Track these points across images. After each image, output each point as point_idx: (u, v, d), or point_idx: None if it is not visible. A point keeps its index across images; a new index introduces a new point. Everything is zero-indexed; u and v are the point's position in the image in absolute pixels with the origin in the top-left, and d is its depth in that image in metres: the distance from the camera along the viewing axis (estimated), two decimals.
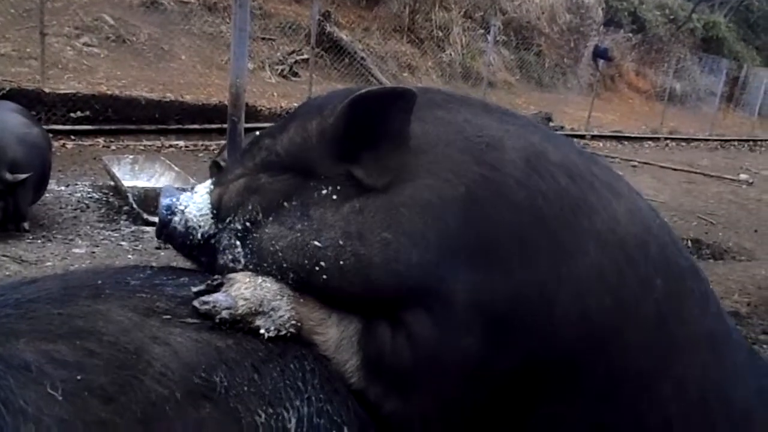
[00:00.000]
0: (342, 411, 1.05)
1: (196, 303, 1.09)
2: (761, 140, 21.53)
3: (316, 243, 1.11)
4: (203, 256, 1.25)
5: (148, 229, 6.27)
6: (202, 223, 1.24)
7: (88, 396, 0.94)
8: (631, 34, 21.46)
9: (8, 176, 5.26)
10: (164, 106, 10.43)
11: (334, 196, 1.13)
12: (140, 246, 5.78)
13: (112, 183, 7.28)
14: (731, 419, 1.26)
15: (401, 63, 15.65)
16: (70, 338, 1.00)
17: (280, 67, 13.69)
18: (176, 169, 7.52)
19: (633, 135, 17.50)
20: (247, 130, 7.08)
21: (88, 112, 9.65)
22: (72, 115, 9.53)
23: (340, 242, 1.10)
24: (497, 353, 1.08)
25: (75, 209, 6.60)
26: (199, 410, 0.97)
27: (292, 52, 14.21)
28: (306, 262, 1.12)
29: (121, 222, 6.40)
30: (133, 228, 6.27)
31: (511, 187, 1.11)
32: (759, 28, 26.61)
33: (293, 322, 1.12)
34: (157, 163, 7.93)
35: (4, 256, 5.12)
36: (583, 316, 1.11)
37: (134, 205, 6.38)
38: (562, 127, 14.72)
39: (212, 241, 1.23)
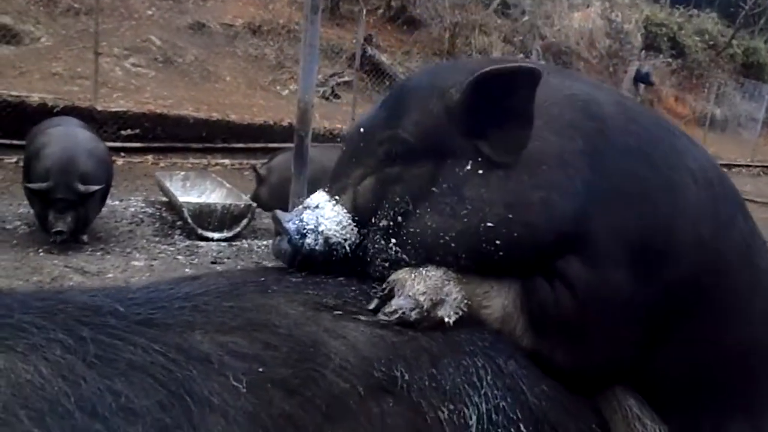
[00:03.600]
0: (517, 408, 1.04)
1: (383, 317, 1.08)
2: None
3: (489, 224, 1.12)
4: (348, 268, 1.21)
5: (202, 243, 6.35)
6: (347, 235, 1.20)
7: (271, 388, 0.93)
8: (670, 59, 21.29)
9: (81, 187, 5.40)
10: (211, 125, 10.58)
11: (479, 170, 1.15)
12: (196, 260, 5.85)
13: (165, 198, 7.39)
14: None
15: None
16: (246, 330, 0.99)
17: (322, 89, 13.80)
18: (227, 185, 7.59)
19: None
20: (283, 149, 7.10)
21: (138, 130, 9.85)
22: (122, 132, 9.73)
23: (509, 216, 1.12)
24: (644, 283, 1.16)
25: (130, 223, 6.70)
26: (381, 405, 0.96)
27: (334, 74, 14.35)
28: (483, 244, 1.13)
29: (176, 237, 6.48)
30: (188, 242, 6.35)
31: (621, 136, 1.21)
32: None
33: (465, 301, 1.13)
34: (208, 179, 8.02)
35: (66, 266, 5.22)
36: (698, 242, 1.21)
37: (189, 221, 6.45)
38: None
39: (359, 249, 1.21)
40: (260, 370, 0.95)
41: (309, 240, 1.19)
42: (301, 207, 1.25)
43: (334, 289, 1.13)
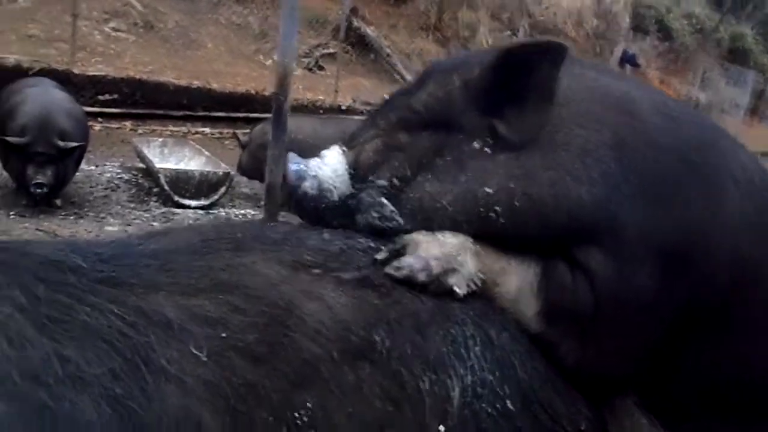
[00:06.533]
0: (505, 383, 0.96)
1: (390, 270, 1.04)
2: None
3: (487, 189, 1.09)
4: (337, 218, 1.20)
5: (178, 211, 6.25)
6: (338, 184, 1.20)
7: (234, 356, 0.86)
8: (657, 42, 21.25)
9: (60, 143, 5.32)
10: (192, 93, 10.36)
11: (487, 149, 1.12)
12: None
13: (142, 165, 7.23)
14: None
15: (427, 61, 15.52)
16: (213, 292, 0.92)
17: (306, 60, 13.59)
18: (206, 153, 7.45)
19: None
20: (265, 119, 6.97)
21: (116, 95, 9.60)
22: (100, 97, 9.48)
23: (511, 185, 1.09)
24: (668, 288, 1.11)
25: (105, 189, 6.57)
26: (356, 371, 0.89)
27: (318, 45, 14.13)
28: (480, 209, 1.10)
29: (152, 203, 6.37)
30: (164, 209, 6.25)
31: (657, 133, 1.16)
32: None
33: (479, 275, 1.08)
34: (186, 147, 7.87)
35: (38, 230, 5.11)
36: (733, 251, 1.15)
37: (166, 187, 6.32)
38: None
39: (350, 201, 1.19)
40: (223, 336, 0.87)
41: (306, 184, 1.20)
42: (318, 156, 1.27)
43: (316, 245, 1.05)
